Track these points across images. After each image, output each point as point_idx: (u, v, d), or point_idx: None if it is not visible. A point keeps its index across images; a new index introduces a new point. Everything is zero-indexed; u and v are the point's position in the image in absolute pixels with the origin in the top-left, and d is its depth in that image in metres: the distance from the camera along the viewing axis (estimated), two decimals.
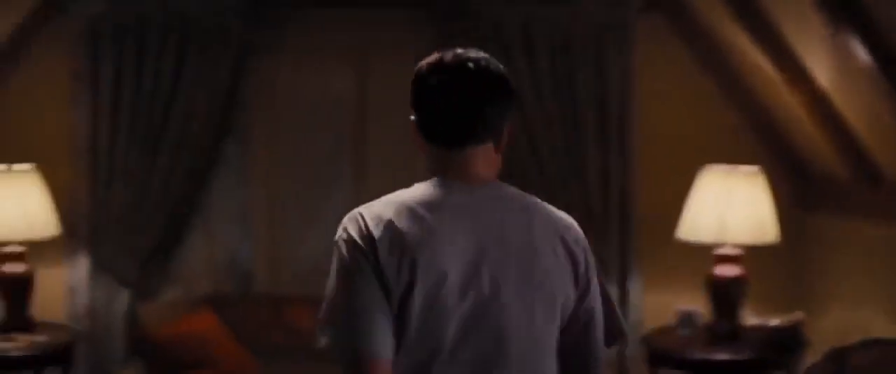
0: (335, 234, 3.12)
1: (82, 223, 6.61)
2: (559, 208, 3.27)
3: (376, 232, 2.93)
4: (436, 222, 2.95)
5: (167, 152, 6.49)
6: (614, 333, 3.20)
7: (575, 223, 3.17)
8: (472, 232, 2.97)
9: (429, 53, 3.11)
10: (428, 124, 3.10)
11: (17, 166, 6.20)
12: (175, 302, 6.68)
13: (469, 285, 2.93)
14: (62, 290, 6.67)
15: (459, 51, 3.07)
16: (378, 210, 2.98)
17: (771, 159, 6.57)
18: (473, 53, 3.07)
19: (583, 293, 3.08)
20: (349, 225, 2.99)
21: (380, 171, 6.89)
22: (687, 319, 6.28)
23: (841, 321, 6.32)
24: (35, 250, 6.33)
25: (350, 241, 2.96)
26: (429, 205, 2.99)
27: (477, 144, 3.07)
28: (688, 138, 6.67)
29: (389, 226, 2.94)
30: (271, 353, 6.31)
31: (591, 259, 3.12)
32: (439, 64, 3.06)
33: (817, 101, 5.89)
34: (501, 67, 3.10)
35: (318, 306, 4.36)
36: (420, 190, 3.04)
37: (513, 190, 3.12)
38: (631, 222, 6.63)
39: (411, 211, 2.96)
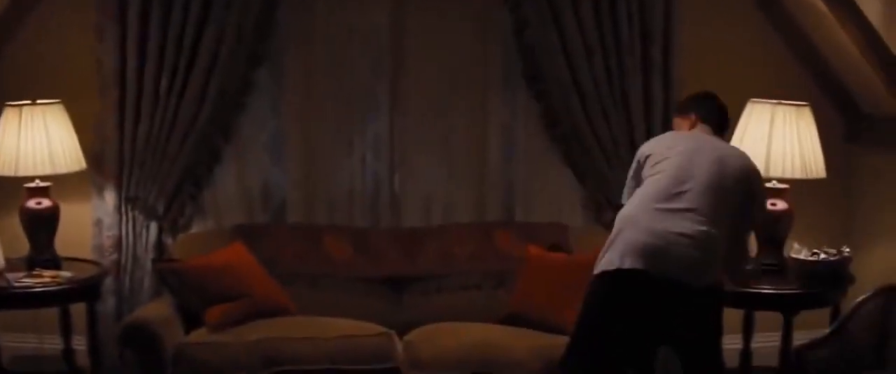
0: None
1: (109, 156, 6.69)
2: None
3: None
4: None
5: (197, 81, 6.53)
6: None
7: None
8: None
9: None
10: None
11: (41, 101, 6.29)
12: (205, 234, 6.78)
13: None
14: (88, 225, 6.77)
15: None
16: None
17: (820, 95, 6.71)
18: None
19: None
20: None
21: (417, 101, 6.96)
22: None
23: (887, 258, 6.46)
24: (60, 184, 6.45)
25: None
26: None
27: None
28: (734, 71, 6.74)
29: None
30: (305, 284, 6.43)
31: None
32: None
33: (867, 36, 5.99)
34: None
35: (351, 235, 6.29)
36: None
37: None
38: None
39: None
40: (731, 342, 6.28)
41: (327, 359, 5.80)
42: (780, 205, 6.12)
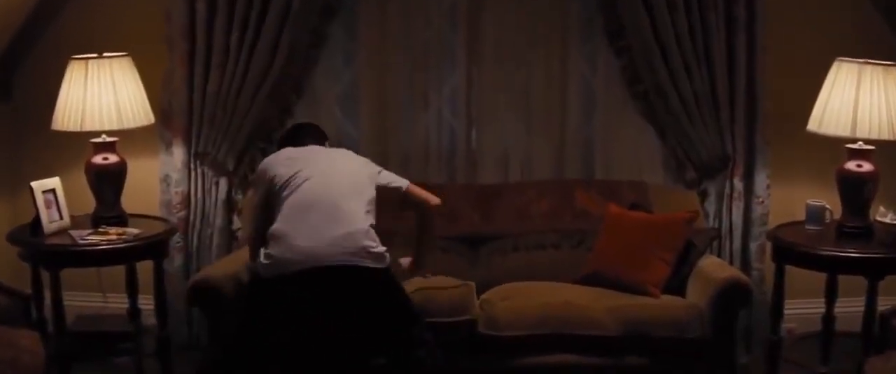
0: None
1: (178, 111, 6.90)
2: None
3: None
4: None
5: (268, 34, 6.71)
6: None
7: None
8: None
9: None
10: None
11: (108, 54, 6.48)
12: None
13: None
14: (156, 181, 7.01)
15: None
16: None
17: None
18: None
19: None
20: None
21: (495, 55, 7.12)
22: (815, 214, 6.49)
23: None
24: (128, 139, 6.66)
25: None
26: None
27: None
28: (820, 29, 6.92)
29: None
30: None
31: None
32: None
33: None
34: None
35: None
36: None
37: None
38: (758, 111, 6.86)
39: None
40: (815, 307, 6.49)
41: None
42: (866, 167, 6.16)
